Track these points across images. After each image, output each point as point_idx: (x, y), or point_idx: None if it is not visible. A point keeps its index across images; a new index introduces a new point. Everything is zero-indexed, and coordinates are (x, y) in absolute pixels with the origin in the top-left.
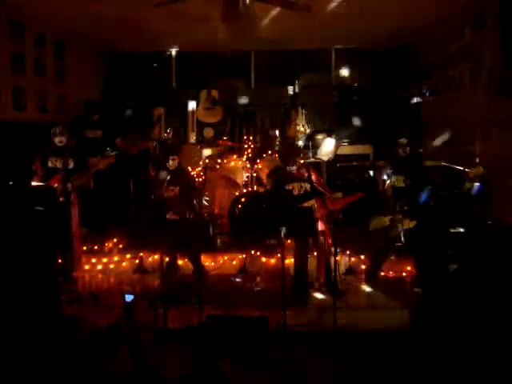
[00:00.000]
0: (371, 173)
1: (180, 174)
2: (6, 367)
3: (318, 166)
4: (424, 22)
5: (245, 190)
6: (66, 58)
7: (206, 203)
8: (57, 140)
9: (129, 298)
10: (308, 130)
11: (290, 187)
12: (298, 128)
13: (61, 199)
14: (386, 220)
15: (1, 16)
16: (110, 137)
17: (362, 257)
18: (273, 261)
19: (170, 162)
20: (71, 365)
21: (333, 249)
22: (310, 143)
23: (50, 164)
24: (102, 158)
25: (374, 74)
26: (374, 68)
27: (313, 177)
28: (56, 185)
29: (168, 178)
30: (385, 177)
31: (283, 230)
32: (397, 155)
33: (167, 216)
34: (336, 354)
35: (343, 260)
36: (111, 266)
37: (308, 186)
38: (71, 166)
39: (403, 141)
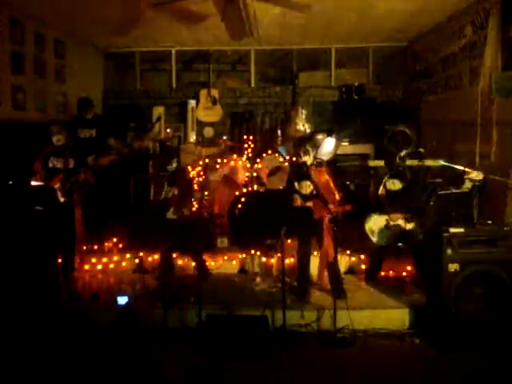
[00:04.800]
0: (371, 173)
1: (178, 176)
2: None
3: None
4: (424, 22)
5: (245, 190)
6: (66, 58)
7: (206, 203)
8: (54, 139)
9: (122, 300)
10: (308, 130)
11: (298, 186)
12: (297, 128)
13: (63, 199)
14: (382, 220)
15: (1, 15)
16: (105, 136)
17: (362, 257)
18: (272, 261)
19: (169, 167)
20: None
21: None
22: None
23: (50, 164)
24: (103, 156)
25: (374, 74)
26: (374, 68)
27: (314, 174)
28: (57, 185)
29: (167, 179)
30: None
31: (283, 230)
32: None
33: (167, 214)
34: (336, 353)
35: (343, 260)
36: (111, 265)
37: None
38: (71, 165)
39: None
